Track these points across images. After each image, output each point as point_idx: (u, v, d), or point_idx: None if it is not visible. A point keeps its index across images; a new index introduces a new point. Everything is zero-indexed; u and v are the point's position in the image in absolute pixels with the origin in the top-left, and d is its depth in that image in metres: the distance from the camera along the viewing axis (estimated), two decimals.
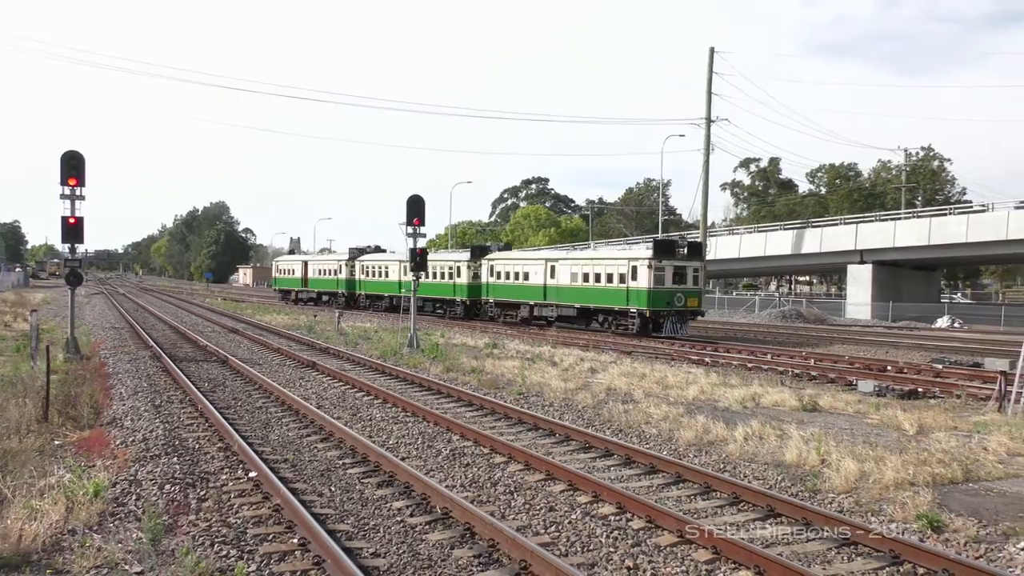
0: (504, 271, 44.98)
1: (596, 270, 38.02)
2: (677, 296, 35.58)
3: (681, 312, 35.83)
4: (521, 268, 43.62)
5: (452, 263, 49.55)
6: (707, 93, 51.79)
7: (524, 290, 43.08)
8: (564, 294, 40.02)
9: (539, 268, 42.02)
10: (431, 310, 50.81)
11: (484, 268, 46.62)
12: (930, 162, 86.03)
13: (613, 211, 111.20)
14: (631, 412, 16.22)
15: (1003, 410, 16.51)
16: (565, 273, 39.79)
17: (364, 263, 57.22)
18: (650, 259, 35.13)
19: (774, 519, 9.79)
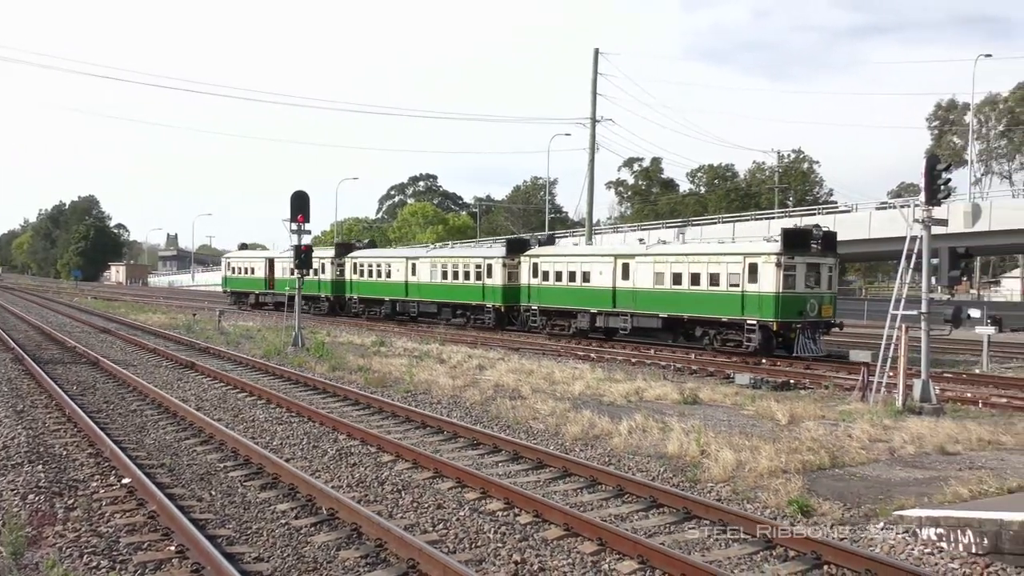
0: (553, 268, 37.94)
1: (693, 269, 29.54)
2: (811, 303, 27.67)
3: (815, 324, 27.79)
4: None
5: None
6: (592, 94, 52.73)
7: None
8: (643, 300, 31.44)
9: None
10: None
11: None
12: (800, 164, 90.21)
13: (501, 209, 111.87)
14: (519, 408, 16.35)
15: (866, 399, 17.49)
16: (647, 272, 31.24)
17: (358, 260, 48.81)
18: (778, 254, 27.29)
19: (657, 509, 10.07)
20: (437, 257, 42.84)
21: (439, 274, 41.90)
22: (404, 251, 52.04)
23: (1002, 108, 74.91)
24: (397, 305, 45.19)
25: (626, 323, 32.16)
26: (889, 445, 13.02)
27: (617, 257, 32.97)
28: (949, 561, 8.34)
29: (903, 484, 10.73)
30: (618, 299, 32.51)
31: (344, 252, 49.39)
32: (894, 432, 13.77)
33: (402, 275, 44.65)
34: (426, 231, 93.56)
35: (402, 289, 44.60)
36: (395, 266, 45.56)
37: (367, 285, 47.70)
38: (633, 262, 31.96)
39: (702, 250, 31.46)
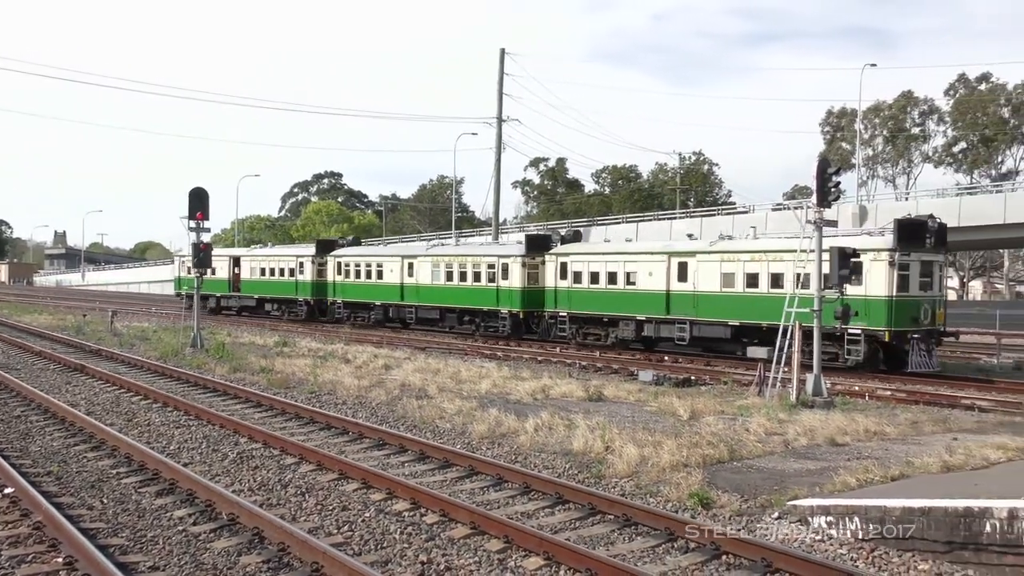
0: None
1: (774, 268, 25.15)
2: (924, 308, 23.65)
3: (929, 333, 23.54)
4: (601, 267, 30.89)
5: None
6: (498, 93, 52.96)
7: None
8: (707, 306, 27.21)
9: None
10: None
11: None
12: (701, 166, 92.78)
13: (407, 207, 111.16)
14: (425, 407, 16.27)
15: (762, 394, 18.11)
16: (711, 273, 26.91)
17: (343, 259, 42.93)
18: (891, 250, 22.99)
19: (563, 506, 10.18)
20: (441, 256, 37.83)
21: (442, 275, 36.93)
22: (400, 249, 46.73)
23: (885, 115, 78.74)
24: (390, 310, 39.87)
25: (683, 332, 27.39)
26: (784, 438, 13.51)
27: (672, 255, 28.48)
28: (838, 547, 8.71)
29: (796, 475, 11.15)
30: (673, 304, 27.96)
31: (326, 249, 44.82)
32: (788, 425, 14.29)
33: (397, 276, 39.39)
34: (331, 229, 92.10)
35: (396, 292, 39.36)
36: (388, 266, 40.20)
37: (354, 287, 41.95)
38: (693, 260, 27.42)
39: (785, 246, 25.42)
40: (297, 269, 45.38)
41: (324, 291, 43.79)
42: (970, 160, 76.02)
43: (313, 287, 44.40)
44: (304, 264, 44.98)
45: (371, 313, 40.89)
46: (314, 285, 44.38)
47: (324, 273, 43.86)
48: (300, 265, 45.22)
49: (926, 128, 79.49)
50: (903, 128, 79.23)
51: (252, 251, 51.51)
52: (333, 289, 42.99)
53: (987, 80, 74.30)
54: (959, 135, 76.71)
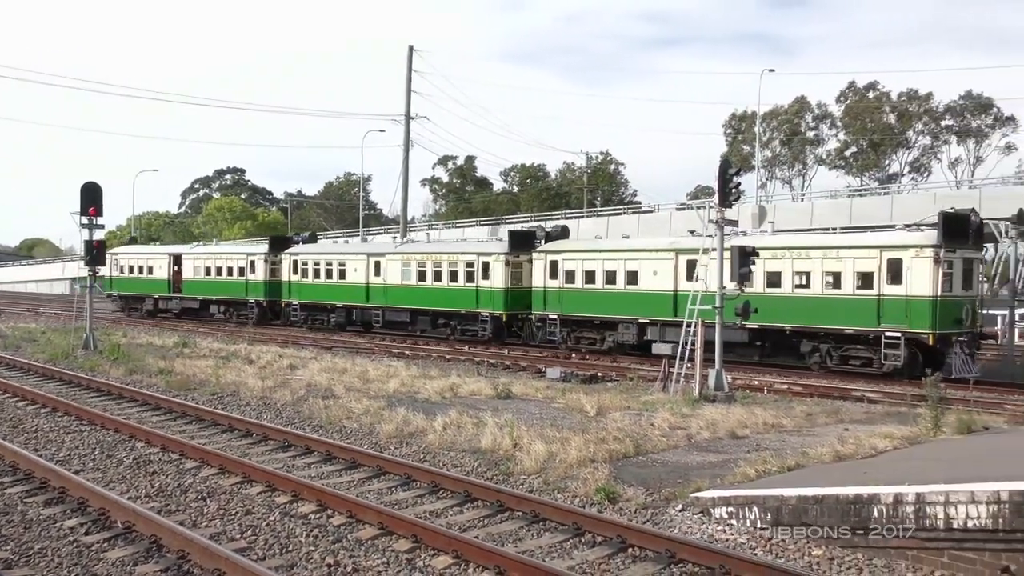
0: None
1: (829, 266, 23.30)
2: (966, 309, 22.30)
3: (971, 335, 22.39)
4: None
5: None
6: (407, 90, 52.54)
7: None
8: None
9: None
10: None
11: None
12: (608, 166, 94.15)
13: (313, 205, 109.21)
14: (332, 408, 16.02)
15: (667, 390, 18.54)
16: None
17: (300, 258, 39.50)
18: (936, 246, 21.45)
19: (471, 503, 10.18)
20: (413, 253, 35.09)
21: (414, 274, 34.24)
22: (365, 246, 43.03)
23: (781, 119, 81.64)
24: (354, 313, 37.00)
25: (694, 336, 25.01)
26: (687, 432, 13.85)
27: (680, 252, 26.09)
28: (738, 536, 8.99)
29: (699, 467, 11.44)
30: (682, 305, 23.97)
31: (280, 247, 41.71)
32: (691, 419, 14.65)
33: (362, 275, 36.39)
34: (233, 227, 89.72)
35: (361, 293, 36.32)
36: (352, 264, 37.11)
37: (312, 288, 38.58)
38: (705, 258, 23.55)
39: (827, 242, 24.38)
40: (248, 268, 41.97)
41: (278, 292, 40.69)
42: (860, 164, 79.51)
43: (266, 287, 41.22)
44: (256, 263, 41.72)
45: (331, 316, 37.87)
46: (267, 285, 41.21)
47: (278, 272, 40.81)
48: (251, 264, 41.93)
49: (820, 132, 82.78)
50: (798, 132, 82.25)
51: (196, 248, 47.67)
52: (288, 290, 39.71)
53: (874, 88, 77.85)
54: (850, 140, 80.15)
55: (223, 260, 44.07)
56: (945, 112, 75.89)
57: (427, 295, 33.69)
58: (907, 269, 21.69)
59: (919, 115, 76.39)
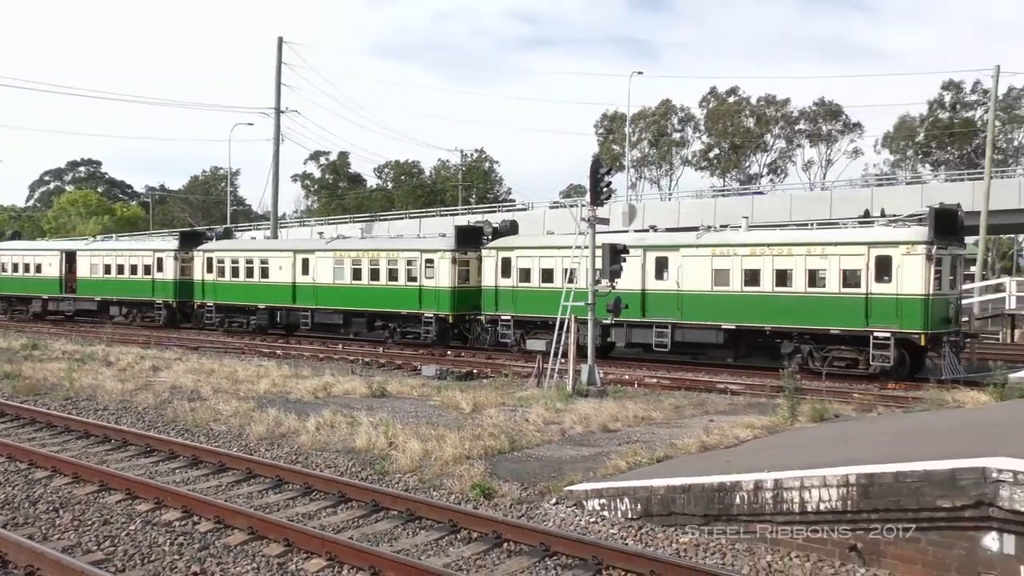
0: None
1: (812, 264, 22.37)
2: (952, 307, 22.08)
3: (957, 335, 22.18)
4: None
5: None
6: (276, 83, 51.10)
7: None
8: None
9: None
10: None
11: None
12: (482, 163, 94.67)
13: (177, 199, 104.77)
14: (198, 410, 15.42)
15: (541, 385, 18.80)
16: (700, 268, 23.82)
17: (215, 255, 36.15)
18: (928, 243, 20.77)
19: (346, 504, 10.03)
20: (346, 251, 32.43)
21: (347, 272, 31.78)
22: (292, 243, 40.44)
23: (648, 120, 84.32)
24: (279, 315, 34.08)
25: (663, 337, 24.21)
26: (561, 426, 14.08)
27: (648, 249, 25.12)
28: (610, 527, 9.22)
29: (573, 461, 11.66)
30: (650, 306, 24.65)
31: (192, 243, 38.34)
32: (565, 414, 14.91)
33: (288, 274, 33.48)
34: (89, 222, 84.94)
35: (287, 293, 33.45)
36: (277, 262, 34.17)
37: (230, 288, 35.40)
38: (677, 255, 24.38)
39: (810, 239, 23.27)
40: (155, 266, 38.54)
41: (190, 292, 37.24)
42: (722, 165, 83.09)
43: (176, 287, 37.88)
44: (164, 260, 38.35)
45: (252, 318, 34.87)
46: (177, 285, 37.82)
47: (189, 271, 37.41)
48: (159, 261, 38.52)
49: (685, 134, 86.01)
50: (665, 133, 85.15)
51: (94, 244, 43.63)
52: (202, 290, 36.37)
53: (735, 93, 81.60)
54: (712, 142, 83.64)
55: (126, 257, 40.23)
56: (800, 117, 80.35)
57: (363, 295, 31.36)
58: (897, 267, 21.02)
59: (776, 119, 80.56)
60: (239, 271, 35.43)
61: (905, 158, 78.39)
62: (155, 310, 38.80)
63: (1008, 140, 71.82)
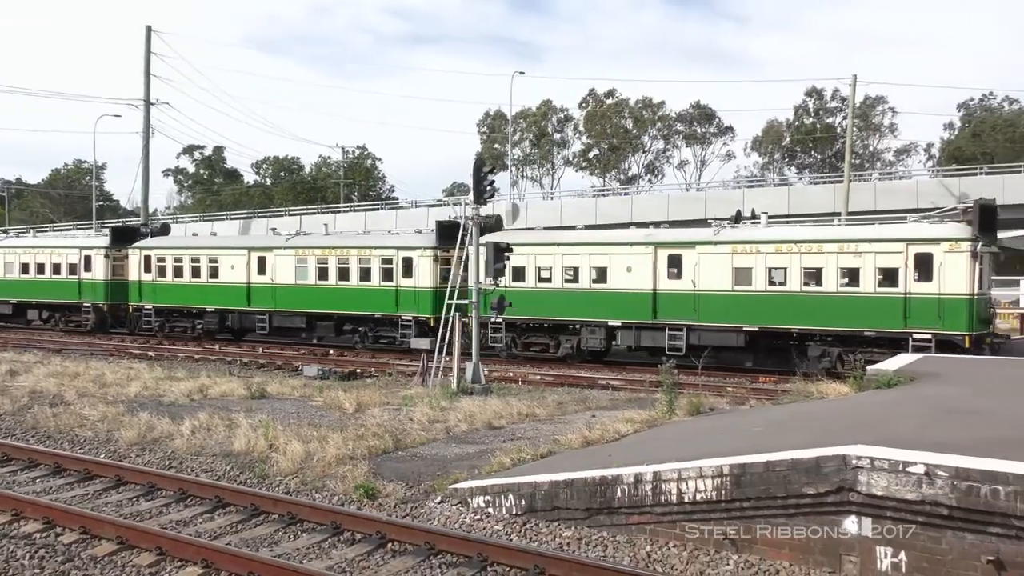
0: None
1: (845, 262, 21.37)
2: (987, 307, 21.57)
3: (994, 335, 21.85)
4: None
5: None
6: (145, 74, 48.91)
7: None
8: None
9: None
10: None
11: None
12: (364, 160, 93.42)
13: (36, 194, 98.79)
14: (62, 416, 14.62)
15: (426, 384, 18.74)
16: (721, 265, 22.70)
17: (155, 253, 33.03)
18: (973, 240, 20.16)
19: (223, 509, 9.71)
20: (310, 248, 29.73)
21: (312, 272, 29.30)
22: (245, 239, 37.06)
23: (529, 120, 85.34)
24: (230, 318, 31.31)
25: (677, 340, 22.75)
26: (446, 425, 14.07)
27: (659, 246, 23.87)
28: (495, 524, 9.27)
29: (458, 459, 11.67)
30: (662, 306, 23.41)
31: (124, 239, 34.97)
32: (450, 413, 14.91)
33: (242, 273, 30.77)
34: None
35: (241, 294, 30.72)
36: (228, 261, 31.30)
37: (172, 290, 32.38)
38: (692, 252, 23.11)
39: (843, 235, 22.09)
40: (81, 265, 35.01)
41: (124, 294, 34.06)
42: (602, 165, 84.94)
43: (107, 289, 34.50)
44: (93, 258, 34.86)
45: (199, 322, 31.90)
46: (108, 286, 34.48)
47: (123, 270, 34.31)
48: (86, 260, 34.99)
49: (565, 135, 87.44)
50: (546, 133, 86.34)
51: (7, 241, 39.65)
52: (139, 291, 33.13)
53: (613, 95, 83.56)
54: (592, 143, 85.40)
55: (47, 255, 36.54)
56: (676, 120, 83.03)
57: (330, 296, 28.90)
58: (939, 265, 20.14)
59: (653, 121, 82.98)
60: (183, 270, 32.43)
61: (773, 161, 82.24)
62: (82, 314, 35.26)
63: (864, 146, 76.36)
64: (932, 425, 9.54)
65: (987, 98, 73.13)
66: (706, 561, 8.14)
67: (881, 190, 49.50)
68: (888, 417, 10.48)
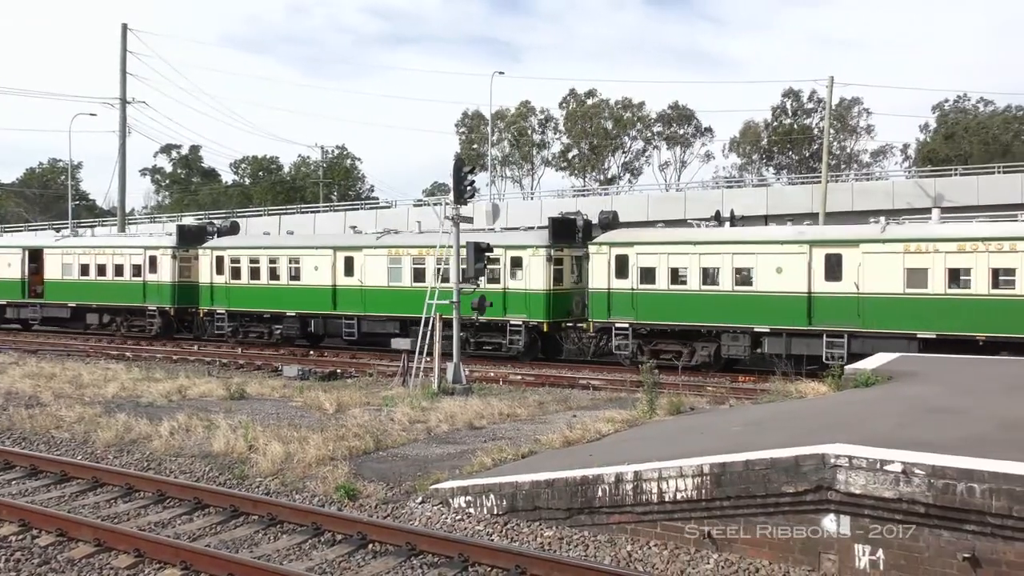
0: None
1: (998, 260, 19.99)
2: None
3: None
4: None
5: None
6: (121, 72, 48.46)
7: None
8: None
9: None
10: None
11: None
12: (344, 160, 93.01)
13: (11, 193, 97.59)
14: (38, 417, 14.47)
15: (406, 384, 18.69)
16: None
17: (229, 253, 31.32)
18: None
19: (202, 511, 9.64)
20: (405, 247, 27.14)
21: (408, 273, 27.16)
22: (332, 238, 33.70)
23: (508, 120, 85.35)
24: (312, 323, 29.38)
25: (837, 348, 21.02)
26: (427, 425, 14.04)
27: (814, 244, 21.85)
28: (476, 524, 9.27)
29: (439, 459, 11.65)
30: (818, 310, 21.54)
31: (193, 240, 33.24)
32: (431, 413, 14.88)
33: (327, 275, 28.85)
34: None
35: (326, 298, 28.76)
36: (311, 261, 29.34)
37: (249, 292, 30.36)
38: (854, 251, 21.28)
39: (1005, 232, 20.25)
40: (146, 266, 32.95)
41: (192, 297, 32.20)
42: (582, 165, 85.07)
43: (174, 291, 32.45)
44: (159, 259, 32.77)
45: (277, 327, 30.02)
46: (175, 289, 32.45)
47: (190, 272, 32.55)
48: (151, 261, 32.90)
49: (545, 135, 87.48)
50: (525, 133, 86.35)
51: (64, 241, 37.01)
52: (211, 294, 31.27)
53: (593, 95, 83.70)
54: (572, 143, 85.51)
55: (109, 256, 34.31)
56: (656, 120, 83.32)
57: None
58: None
59: (633, 122, 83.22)
60: (260, 272, 30.48)
61: (751, 161, 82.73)
62: (147, 318, 33.22)
63: (841, 148, 76.98)
64: (909, 424, 9.63)
65: (961, 100, 73.95)
66: (686, 560, 8.18)
67: (858, 191, 49.85)
68: (866, 416, 10.57)
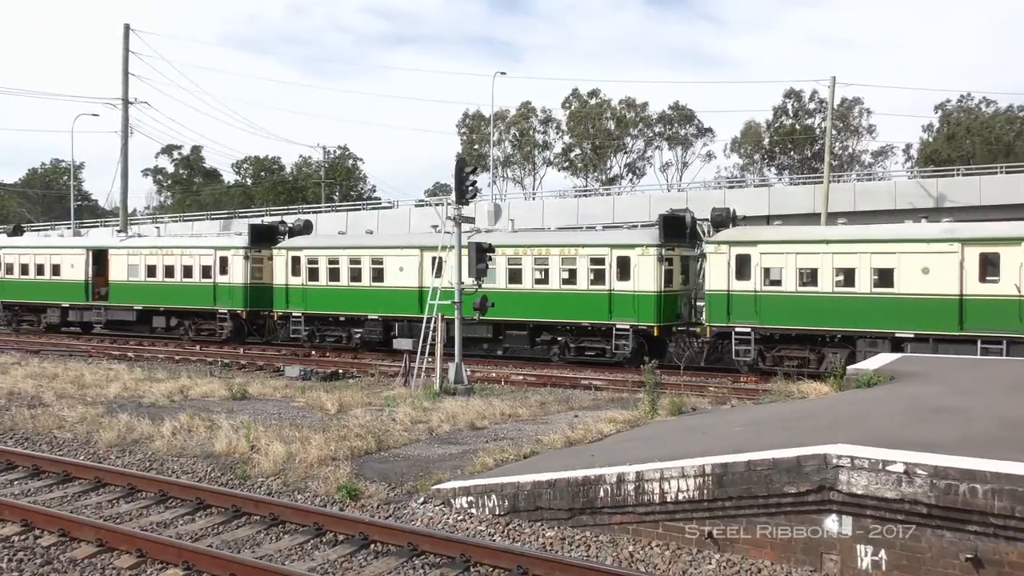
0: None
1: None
2: None
3: None
4: None
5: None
6: (123, 72, 48.53)
7: None
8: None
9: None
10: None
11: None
12: (346, 160, 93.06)
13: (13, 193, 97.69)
14: (40, 417, 14.48)
15: (408, 384, 18.70)
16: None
17: (309, 253, 29.77)
18: None
19: (204, 511, 9.65)
20: (500, 246, 24.12)
21: (503, 274, 25.44)
22: (414, 238, 30.35)
23: (509, 121, 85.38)
24: (396, 327, 27.46)
25: (994, 356, 19.37)
26: (428, 425, 14.05)
27: (966, 243, 20.27)
28: (478, 524, 9.27)
29: (440, 460, 11.65)
30: (971, 314, 20.11)
31: (264, 239, 31.63)
32: (432, 413, 14.88)
33: (413, 276, 27.33)
34: None
35: (412, 300, 26.97)
36: (395, 262, 27.74)
37: (328, 294, 28.78)
38: (1016, 250, 19.59)
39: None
40: (216, 267, 31.34)
41: (265, 300, 30.76)
42: (584, 165, 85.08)
43: (246, 293, 30.84)
44: (230, 260, 31.12)
45: (356, 331, 28.65)
46: (247, 290, 30.88)
47: (262, 273, 31.15)
48: (222, 261, 31.27)
49: (547, 135, 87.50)
50: (526, 134, 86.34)
51: (130, 241, 35.45)
52: (286, 297, 29.76)
53: (596, 96, 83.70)
54: (574, 143, 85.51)
55: (177, 257, 32.71)
56: (657, 120, 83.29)
57: (526, 302, 25.12)
58: None
59: (635, 122, 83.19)
60: (340, 273, 28.93)
61: (753, 162, 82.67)
62: (217, 321, 31.64)
63: (843, 148, 76.92)
64: (911, 424, 9.63)
65: (964, 99, 73.87)
66: (688, 560, 8.18)
67: (860, 191, 49.82)
68: (868, 416, 10.56)
